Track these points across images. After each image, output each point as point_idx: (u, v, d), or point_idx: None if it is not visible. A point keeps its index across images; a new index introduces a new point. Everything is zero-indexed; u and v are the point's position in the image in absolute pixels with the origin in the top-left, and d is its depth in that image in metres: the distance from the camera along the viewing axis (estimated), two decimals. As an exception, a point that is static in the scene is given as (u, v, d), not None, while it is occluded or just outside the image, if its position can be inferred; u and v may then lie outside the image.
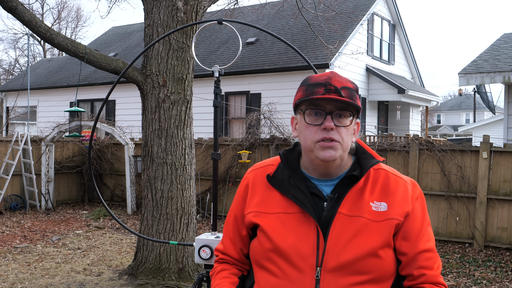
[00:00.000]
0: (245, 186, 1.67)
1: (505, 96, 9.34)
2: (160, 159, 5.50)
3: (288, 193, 1.55)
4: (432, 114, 46.03)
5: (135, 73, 5.56)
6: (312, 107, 1.50)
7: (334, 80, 1.50)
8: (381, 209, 1.50)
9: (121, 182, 11.54)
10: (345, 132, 1.50)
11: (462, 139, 26.88)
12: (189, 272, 5.54)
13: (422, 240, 1.51)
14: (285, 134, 9.35)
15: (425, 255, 1.51)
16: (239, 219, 1.66)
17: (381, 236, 1.47)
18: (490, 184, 7.57)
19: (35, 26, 5.27)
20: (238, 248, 1.67)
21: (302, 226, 1.50)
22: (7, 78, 35.37)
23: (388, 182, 1.55)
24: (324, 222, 1.49)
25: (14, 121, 21.92)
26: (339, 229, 1.47)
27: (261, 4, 12.72)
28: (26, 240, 7.95)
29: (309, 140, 1.50)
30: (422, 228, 1.53)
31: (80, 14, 46.57)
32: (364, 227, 1.47)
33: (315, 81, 1.53)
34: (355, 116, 1.53)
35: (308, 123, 1.51)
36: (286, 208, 1.54)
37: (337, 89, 1.48)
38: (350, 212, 1.49)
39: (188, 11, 5.54)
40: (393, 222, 1.48)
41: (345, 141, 1.50)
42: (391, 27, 16.03)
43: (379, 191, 1.53)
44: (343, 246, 1.46)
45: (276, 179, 1.59)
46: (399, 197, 1.52)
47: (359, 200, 1.51)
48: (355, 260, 1.44)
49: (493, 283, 6.04)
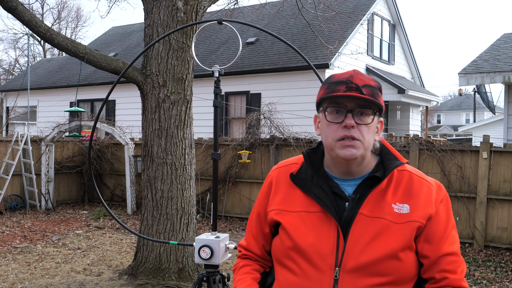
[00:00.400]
0: (269, 183, 1.68)
1: (505, 96, 9.34)
2: (160, 159, 5.50)
3: (310, 192, 1.55)
4: (432, 114, 46.03)
5: (135, 73, 5.55)
6: (333, 105, 1.50)
7: (356, 78, 1.49)
8: (404, 211, 1.48)
9: (121, 182, 11.54)
10: (366, 130, 1.48)
11: (462, 139, 26.88)
12: (189, 272, 5.54)
13: (445, 243, 1.49)
14: (285, 134, 9.35)
15: (448, 259, 1.48)
16: (261, 216, 1.67)
17: (402, 238, 1.45)
18: (490, 184, 7.57)
19: (35, 26, 5.27)
20: (260, 245, 1.69)
21: (323, 225, 1.50)
22: (7, 78, 35.37)
23: (412, 183, 1.53)
24: (344, 222, 1.49)
25: (14, 121, 21.92)
26: (360, 230, 1.47)
27: (261, 4, 12.71)
28: (26, 240, 7.95)
29: (330, 138, 1.50)
30: (446, 231, 1.50)
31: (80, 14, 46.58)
32: (385, 228, 1.46)
33: (336, 79, 1.52)
34: (377, 114, 1.52)
35: (329, 121, 1.50)
36: (308, 207, 1.54)
37: (358, 87, 1.47)
38: (371, 213, 1.48)
39: (188, 11, 5.54)
40: (415, 224, 1.47)
41: (366, 139, 1.49)
42: (391, 27, 16.03)
43: (402, 192, 1.52)
44: (362, 247, 1.45)
45: (299, 178, 1.59)
46: (422, 199, 1.50)
47: (381, 201, 1.50)
48: (374, 262, 1.43)
49: (493, 283, 6.04)
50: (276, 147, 9.36)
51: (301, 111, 11.68)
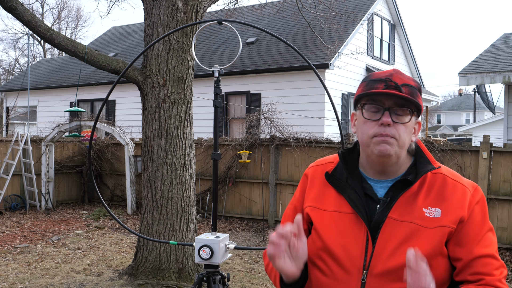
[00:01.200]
0: (305, 180, 1.70)
1: (505, 96, 9.34)
2: (160, 159, 5.50)
3: (344, 193, 1.55)
4: (432, 114, 46.04)
5: (135, 73, 5.56)
6: (371, 102, 1.49)
7: (396, 77, 1.49)
8: (435, 215, 1.45)
9: (121, 182, 11.54)
10: (403, 129, 1.47)
11: (462, 139, 26.88)
12: (189, 272, 5.54)
13: (478, 245, 1.45)
14: (285, 134, 9.35)
15: (483, 261, 1.43)
16: (298, 211, 1.68)
17: (431, 243, 1.43)
18: (490, 184, 7.57)
19: (35, 26, 5.27)
20: None
21: (354, 227, 1.50)
22: (7, 78, 35.37)
23: (445, 187, 1.50)
24: (374, 225, 1.48)
25: (14, 121, 21.92)
26: (389, 234, 1.46)
27: (261, 4, 12.71)
28: (26, 240, 7.95)
29: (366, 135, 1.49)
30: (479, 233, 1.46)
31: (80, 14, 46.60)
32: (415, 233, 1.44)
33: (376, 77, 1.51)
34: (415, 115, 1.50)
35: (366, 118, 1.50)
36: (340, 207, 1.55)
37: (397, 85, 1.46)
38: (401, 217, 1.46)
39: (188, 11, 5.54)
40: (446, 230, 1.44)
41: (402, 138, 1.47)
42: (391, 27, 16.03)
43: (434, 196, 1.49)
44: (391, 251, 1.44)
45: (334, 177, 1.60)
46: (455, 202, 1.47)
47: (412, 205, 1.48)
48: (402, 266, 1.39)
49: (493, 283, 6.04)
50: (276, 147, 9.36)
51: (301, 111, 11.68)
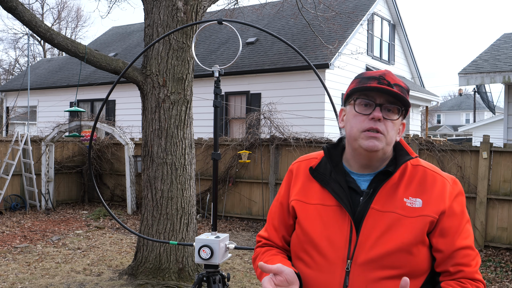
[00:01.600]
0: (289, 175, 1.74)
1: (505, 96, 9.34)
2: (160, 159, 5.50)
3: (328, 186, 1.60)
4: (432, 114, 46.03)
5: (135, 73, 5.56)
6: (363, 97, 1.55)
7: (388, 76, 1.56)
8: (416, 205, 1.51)
9: (121, 182, 11.54)
10: (391, 126, 1.54)
11: (462, 139, 26.87)
12: (189, 272, 5.54)
13: (459, 237, 1.51)
14: (285, 134, 9.35)
15: (463, 252, 1.51)
16: (285, 207, 1.72)
17: (413, 232, 1.48)
18: (490, 184, 7.57)
19: (35, 26, 5.27)
20: (280, 235, 1.73)
21: (338, 219, 1.55)
22: (7, 78, 35.37)
23: (426, 178, 1.56)
24: (357, 217, 1.53)
25: (14, 121, 21.92)
26: (371, 224, 1.51)
27: (261, 4, 12.71)
28: (26, 240, 7.95)
29: (355, 128, 1.54)
30: (460, 225, 1.53)
31: (80, 14, 46.59)
32: (396, 222, 1.49)
33: (369, 75, 1.58)
34: (403, 114, 1.57)
35: (357, 112, 1.55)
36: (324, 200, 1.59)
37: (390, 83, 1.53)
38: (383, 208, 1.52)
39: (188, 11, 5.54)
40: (427, 219, 1.49)
41: (390, 135, 1.54)
42: (391, 27, 16.03)
43: (415, 187, 1.54)
44: (374, 240, 1.49)
45: (318, 172, 1.64)
46: (435, 194, 1.52)
47: (393, 195, 1.53)
48: (385, 255, 1.47)
49: (493, 283, 6.04)
50: (276, 147, 9.36)
51: (301, 111, 11.68)
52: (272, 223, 1.75)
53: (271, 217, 1.76)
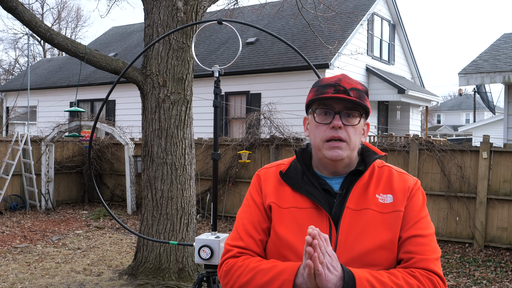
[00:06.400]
0: (257, 179, 1.70)
1: (505, 96, 9.34)
2: (160, 159, 5.50)
3: (301, 189, 1.59)
4: (432, 114, 46.03)
5: (135, 73, 5.56)
6: (321, 106, 1.57)
7: (344, 81, 1.56)
8: (387, 201, 1.55)
9: (121, 182, 11.54)
10: (353, 131, 1.55)
11: (462, 139, 26.88)
12: (189, 272, 5.54)
13: (413, 226, 1.53)
14: (285, 134, 9.35)
15: (416, 240, 1.50)
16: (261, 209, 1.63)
17: (389, 228, 1.51)
18: (490, 184, 7.57)
19: (35, 26, 5.27)
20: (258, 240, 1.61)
21: (315, 221, 1.54)
22: (7, 78, 35.36)
23: (392, 177, 1.61)
24: (334, 217, 1.54)
25: (14, 121, 21.92)
26: (348, 223, 1.52)
27: (261, 4, 12.71)
28: (26, 240, 7.95)
29: (318, 138, 1.56)
30: (417, 216, 1.55)
31: (80, 14, 46.52)
32: (372, 219, 1.52)
33: (325, 83, 1.59)
34: (364, 117, 1.59)
35: (317, 122, 1.57)
36: (298, 203, 1.58)
37: (346, 89, 1.54)
38: (357, 206, 1.54)
39: (188, 11, 5.54)
40: (400, 214, 1.53)
41: (353, 140, 1.55)
42: (391, 27, 16.03)
43: (383, 184, 1.59)
44: (353, 239, 1.50)
45: (289, 176, 1.64)
46: (401, 189, 1.57)
47: (365, 193, 1.56)
48: (366, 253, 1.49)
49: (493, 283, 6.04)
50: (276, 147, 9.36)
51: (301, 111, 11.68)
52: (246, 229, 1.62)
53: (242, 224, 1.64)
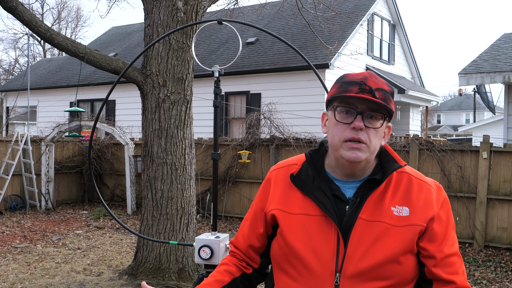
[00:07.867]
0: (267, 183, 1.65)
1: (505, 96, 9.34)
2: (160, 159, 5.50)
3: (311, 195, 1.52)
4: (432, 114, 46.03)
5: (135, 73, 5.56)
6: (344, 105, 1.47)
7: (370, 80, 1.47)
8: (403, 214, 1.47)
9: (121, 182, 11.54)
10: (374, 134, 1.46)
11: (462, 139, 26.87)
12: (189, 272, 5.54)
13: (447, 243, 1.48)
14: (285, 134, 9.35)
15: (452, 259, 1.48)
16: (258, 215, 1.64)
17: (402, 241, 1.44)
18: (490, 184, 7.57)
19: (35, 26, 5.27)
20: (247, 244, 1.66)
21: (323, 230, 1.48)
22: (7, 78, 35.36)
23: (411, 186, 1.51)
24: (345, 227, 1.47)
25: (14, 121, 21.92)
26: (359, 234, 1.45)
27: (261, 4, 12.71)
28: (26, 240, 7.95)
29: (337, 138, 1.47)
30: (447, 232, 1.49)
31: (80, 14, 46.55)
32: (385, 232, 1.45)
33: (350, 79, 1.49)
34: (387, 119, 1.50)
35: (338, 121, 1.48)
36: (308, 210, 1.51)
37: (371, 89, 1.44)
38: (371, 217, 1.46)
39: (188, 11, 5.54)
40: (416, 228, 1.45)
41: (373, 143, 1.47)
42: (391, 27, 16.03)
43: (401, 195, 1.50)
44: (363, 252, 1.44)
45: (300, 179, 1.56)
46: (422, 201, 1.48)
47: (380, 204, 1.48)
48: (375, 266, 1.42)
49: (493, 283, 6.04)
50: (276, 147, 9.36)
51: (301, 111, 11.68)
52: (242, 230, 1.69)
53: (244, 225, 1.70)
